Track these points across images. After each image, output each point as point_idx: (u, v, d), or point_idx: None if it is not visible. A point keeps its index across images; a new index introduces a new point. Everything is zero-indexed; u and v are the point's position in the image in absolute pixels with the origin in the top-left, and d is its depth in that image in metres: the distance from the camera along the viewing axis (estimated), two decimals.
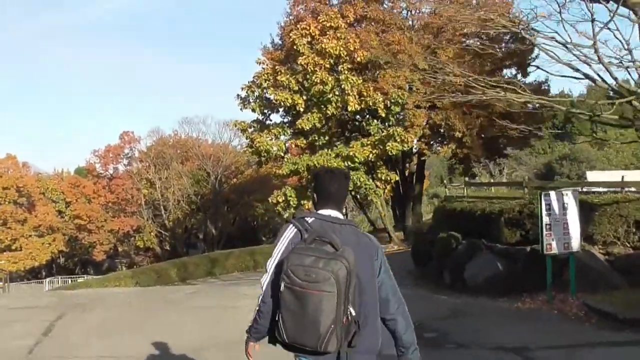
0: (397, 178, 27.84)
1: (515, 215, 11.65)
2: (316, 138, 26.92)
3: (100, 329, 8.99)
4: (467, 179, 38.69)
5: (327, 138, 27.23)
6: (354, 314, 2.84)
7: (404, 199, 30.72)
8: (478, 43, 26.44)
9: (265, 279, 3.05)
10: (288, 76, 25.62)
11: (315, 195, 3.23)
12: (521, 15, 13.46)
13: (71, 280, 33.95)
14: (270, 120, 29.67)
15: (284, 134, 27.54)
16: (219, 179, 52.44)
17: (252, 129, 28.78)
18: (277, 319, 2.88)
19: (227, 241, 54.28)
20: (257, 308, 3.07)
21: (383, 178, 26.94)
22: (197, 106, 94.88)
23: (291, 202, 26.86)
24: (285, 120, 29.21)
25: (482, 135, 25.87)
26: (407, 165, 30.74)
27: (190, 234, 57.73)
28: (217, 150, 54.19)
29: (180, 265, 26.78)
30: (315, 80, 25.02)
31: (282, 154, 27.54)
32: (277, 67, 26.34)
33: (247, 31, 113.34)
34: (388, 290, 3.12)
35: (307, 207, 27.60)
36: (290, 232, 3.07)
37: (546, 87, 27.57)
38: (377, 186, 27.07)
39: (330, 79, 24.77)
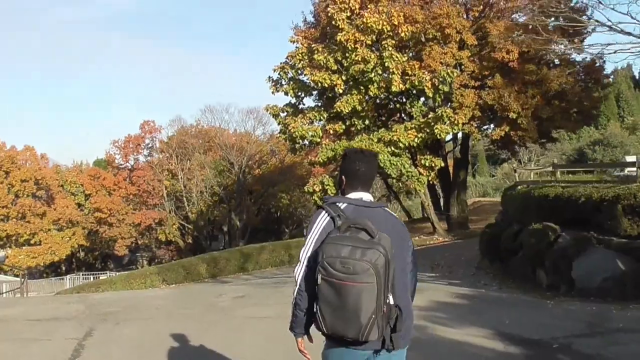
0: (442, 164, 25.63)
1: (636, 202, 9.49)
2: (355, 122, 24.82)
3: (141, 350, 7.03)
4: (513, 163, 36.54)
5: (366, 122, 25.10)
6: (392, 302, 2.80)
7: (447, 186, 28.56)
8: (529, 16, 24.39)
9: (299, 270, 2.95)
10: (326, 54, 23.51)
11: (343, 177, 3.15)
12: None
13: (93, 277, 32.28)
14: (304, 104, 27.65)
15: (320, 118, 25.41)
16: (243, 169, 50.60)
17: (285, 113, 26.74)
18: (315, 310, 2.83)
19: (251, 234, 52.66)
20: (294, 301, 2.98)
21: (427, 164, 24.75)
22: (219, 95, 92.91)
23: (329, 191, 24.78)
24: (320, 103, 27.11)
25: (537, 116, 23.61)
26: (452, 150, 28.60)
27: (213, 227, 56.01)
28: (241, 139, 52.33)
29: (210, 260, 24.82)
30: (356, 59, 22.93)
31: (319, 140, 25.45)
32: (313, 45, 24.21)
33: (270, 16, 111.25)
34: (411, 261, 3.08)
35: None
36: (322, 219, 2.96)
37: (601, 64, 25.30)
38: (420, 173, 24.88)
39: (372, 56, 22.63)
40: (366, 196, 3.07)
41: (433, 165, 24.82)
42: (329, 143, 24.63)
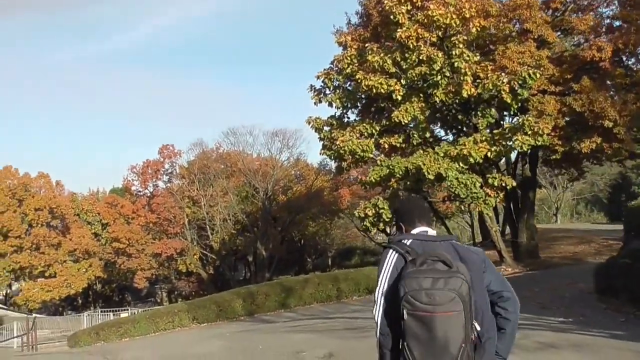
0: (514, 184, 22.10)
1: None
2: (413, 134, 21.50)
3: None
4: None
5: (427, 134, 21.80)
6: (479, 329, 2.81)
7: (514, 209, 24.99)
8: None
9: (377, 311, 2.93)
10: (382, 55, 20.28)
11: (401, 224, 3.18)
12: None
13: (113, 314, 28.87)
14: (349, 118, 24.40)
15: (372, 131, 22.03)
16: (268, 195, 47.27)
17: (329, 127, 23.48)
18: (401, 348, 2.74)
19: (277, 264, 49.33)
20: (378, 344, 2.93)
21: (495, 184, 21.23)
22: (242, 117, 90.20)
23: (384, 215, 21.39)
24: (369, 114, 23.84)
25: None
26: (520, 167, 25.11)
27: (236, 257, 52.60)
28: (265, 164, 49.16)
29: (246, 295, 21.39)
30: (417, 59, 19.73)
31: (371, 155, 22.11)
32: (366, 45, 21.01)
33: (296, 35, 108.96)
34: (498, 284, 3.01)
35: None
36: (391, 257, 2.95)
37: None
38: (487, 194, 21.34)
39: (439, 55, 19.35)
40: (430, 231, 3.11)
41: (503, 184, 21.32)
42: (384, 159, 21.24)
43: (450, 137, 24.89)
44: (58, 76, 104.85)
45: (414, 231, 3.08)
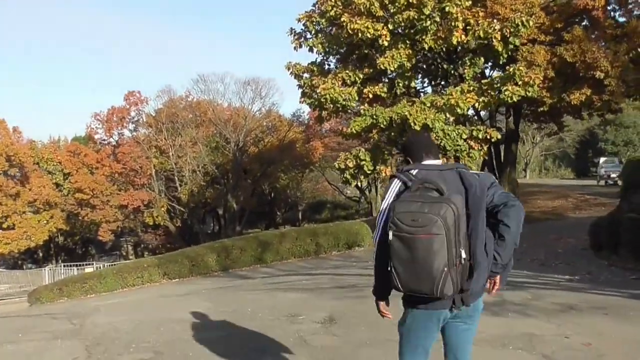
0: (499, 136, 21.31)
1: None
2: (399, 83, 20.42)
3: None
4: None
5: (412, 83, 20.77)
6: (464, 256, 2.80)
7: (498, 163, 24.31)
8: None
9: (376, 235, 3.04)
10: None
11: (409, 158, 3.25)
12: None
13: (77, 269, 27.56)
14: (329, 65, 23.16)
15: (355, 79, 20.82)
16: (239, 146, 45.90)
17: (310, 73, 22.23)
18: (389, 269, 2.86)
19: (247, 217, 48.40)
20: (374, 265, 3.07)
21: (480, 136, 20.38)
22: (213, 65, 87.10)
23: (365, 167, 20.50)
24: (349, 61, 22.61)
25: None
26: (504, 120, 24.33)
27: (205, 209, 51.42)
28: (236, 114, 47.61)
29: (220, 249, 20.34)
30: (407, 2, 18.54)
31: (354, 105, 21.00)
32: None
33: None
34: (502, 197, 3.02)
35: (384, 172, 21.30)
36: (395, 185, 3.05)
37: None
38: (470, 147, 20.52)
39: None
40: (437, 161, 3.20)
41: (488, 137, 20.50)
42: (368, 109, 20.17)
43: (430, 88, 23.92)
44: (16, 18, 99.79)
45: (423, 162, 3.14)
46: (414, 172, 3.04)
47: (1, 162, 42.98)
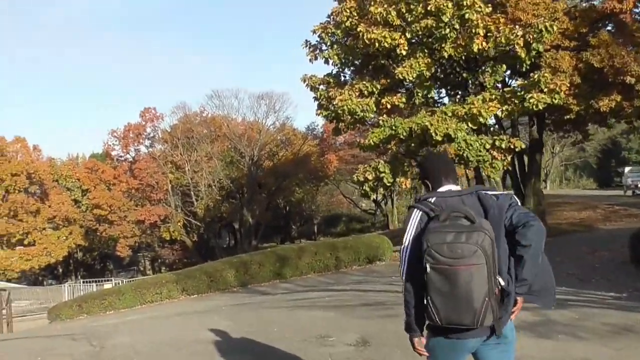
0: (523, 146, 20.80)
1: None
2: (417, 92, 20.07)
3: None
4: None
5: (431, 93, 20.44)
6: (503, 283, 2.81)
7: (522, 173, 23.75)
8: None
9: (403, 268, 2.99)
10: (386, 6, 18.71)
11: (427, 182, 3.19)
12: None
13: (96, 285, 27.43)
14: (345, 76, 22.89)
15: (372, 90, 20.51)
16: (254, 160, 45.77)
17: (326, 85, 21.96)
18: (425, 304, 2.79)
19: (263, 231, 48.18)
20: (404, 300, 2.98)
21: (503, 146, 19.90)
22: (226, 80, 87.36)
23: (385, 179, 20.10)
24: (365, 71, 22.30)
25: None
26: (527, 129, 23.81)
27: (221, 223, 51.27)
28: (250, 128, 47.58)
29: (238, 264, 19.99)
30: (424, 10, 18.21)
31: (372, 116, 20.68)
32: None
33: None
34: (521, 217, 2.90)
35: (404, 184, 20.92)
36: (416, 216, 2.98)
37: None
38: (493, 157, 20.03)
39: (449, 6, 17.80)
40: (454, 187, 3.11)
41: (511, 147, 20.01)
42: (387, 119, 19.81)
43: (447, 98, 23.53)
44: (35, 38, 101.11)
45: (441, 189, 3.08)
46: (431, 200, 2.99)
47: (22, 179, 43.30)
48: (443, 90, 23.48)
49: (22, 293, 29.96)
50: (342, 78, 22.68)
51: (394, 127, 19.34)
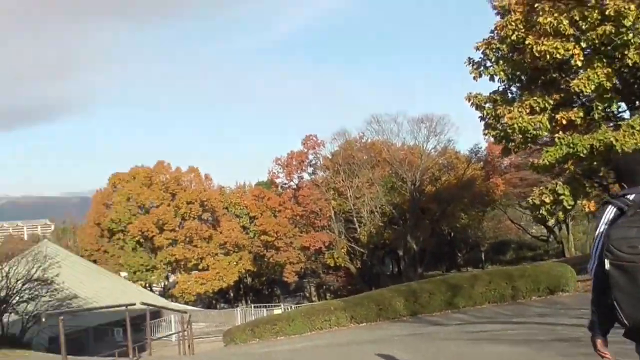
0: None
1: None
2: (597, 106, 18.39)
3: None
4: None
5: (612, 106, 18.68)
6: None
7: None
8: None
9: (592, 265, 2.87)
10: (556, 15, 17.45)
11: (623, 184, 3.02)
12: None
13: (266, 310, 28.39)
14: (512, 92, 21.66)
15: (545, 106, 19.15)
16: (416, 186, 45.11)
17: (492, 103, 20.93)
18: (611, 302, 2.66)
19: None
20: (591, 298, 2.91)
21: None
22: (385, 105, 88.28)
23: (565, 203, 18.56)
24: (534, 87, 20.92)
25: None
26: None
27: (384, 250, 51.00)
28: (411, 152, 47.07)
29: (407, 292, 19.45)
30: (601, 16, 16.71)
31: (545, 134, 19.32)
32: (535, 5, 18.23)
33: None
34: None
35: (587, 207, 19.14)
36: (610, 212, 2.85)
37: None
38: None
39: (632, 8, 16.16)
40: None
41: None
42: (564, 136, 18.34)
43: (627, 112, 21.32)
44: (203, 74, 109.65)
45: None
46: (630, 197, 2.84)
47: (196, 207, 46.53)
48: (622, 104, 21.39)
49: (198, 315, 31.83)
50: (509, 95, 21.51)
51: (572, 145, 17.89)
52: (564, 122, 18.68)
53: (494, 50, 20.18)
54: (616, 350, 2.85)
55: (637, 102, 20.90)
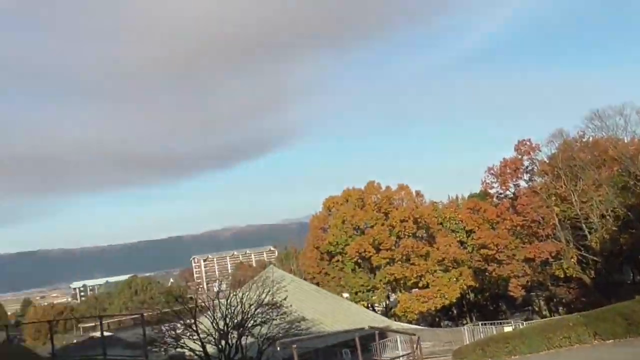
0: None
1: None
2: None
3: None
4: None
5: None
6: None
7: None
8: None
9: None
10: None
11: None
12: None
13: (494, 328, 26.71)
14: None
15: None
16: None
17: None
18: None
19: None
20: None
21: None
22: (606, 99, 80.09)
23: None
24: None
25: None
26: None
27: (622, 258, 45.67)
28: None
29: None
30: None
31: None
32: None
33: None
34: None
35: None
36: None
37: None
38: None
39: None
40: None
41: None
42: None
43: None
44: (402, 91, 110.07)
45: None
46: None
47: (409, 225, 46.27)
48: None
49: (424, 334, 31.13)
50: None
51: None
52: None
53: None
54: None
55: None
